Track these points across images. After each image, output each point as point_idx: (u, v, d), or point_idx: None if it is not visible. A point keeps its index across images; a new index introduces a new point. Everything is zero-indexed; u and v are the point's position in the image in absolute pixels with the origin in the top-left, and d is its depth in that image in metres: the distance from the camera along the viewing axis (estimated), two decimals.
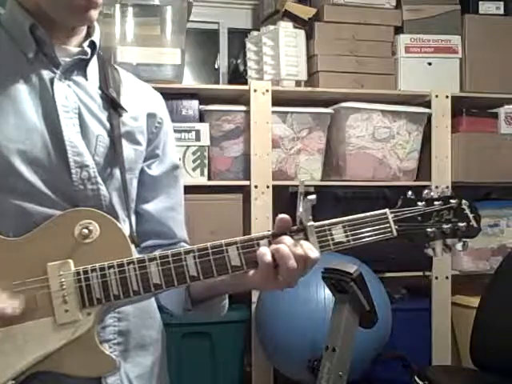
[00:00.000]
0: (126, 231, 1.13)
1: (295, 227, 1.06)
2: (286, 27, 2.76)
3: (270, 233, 1.06)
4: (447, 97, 2.82)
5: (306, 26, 2.81)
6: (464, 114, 2.89)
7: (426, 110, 2.83)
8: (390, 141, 2.81)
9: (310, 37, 2.81)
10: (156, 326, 1.26)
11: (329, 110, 2.78)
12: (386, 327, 2.37)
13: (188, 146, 2.62)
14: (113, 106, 1.17)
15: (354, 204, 2.67)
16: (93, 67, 1.19)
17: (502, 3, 2.99)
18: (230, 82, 3.09)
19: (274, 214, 2.62)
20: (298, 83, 2.78)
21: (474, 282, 2.85)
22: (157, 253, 1.07)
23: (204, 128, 2.64)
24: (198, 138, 2.63)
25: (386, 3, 2.87)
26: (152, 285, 1.04)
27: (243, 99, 2.71)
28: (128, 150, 1.17)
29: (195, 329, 2.54)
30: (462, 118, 2.89)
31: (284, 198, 2.87)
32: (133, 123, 1.20)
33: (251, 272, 1.06)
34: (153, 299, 1.25)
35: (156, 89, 2.86)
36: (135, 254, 1.10)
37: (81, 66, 1.16)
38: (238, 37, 3.23)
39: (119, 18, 2.54)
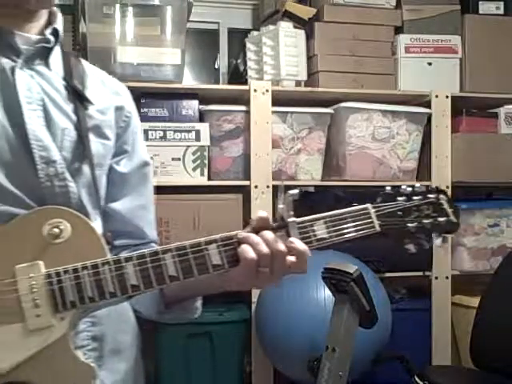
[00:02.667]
0: (99, 230, 1.07)
1: (276, 224, 1.01)
2: (286, 27, 2.75)
3: (250, 229, 1.01)
4: (447, 97, 2.82)
5: (306, 26, 2.82)
6: (464, 114, 2.89)
7: (426, 110, 2.83)
8: (390, 141, 2.81)
9: (310, 37, 2.81)
10: (131, 330, 1.19)
11: (329, 110, 2.78)
12: (386, 327, 2.37)
13: (188, 146, 2.62)
14: (78, 98, 1.09)
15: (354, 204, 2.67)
16: (56, 57, 1.11)
17: (502, 3, 2.99)
18: (230, 82, 3.09)
19: (274, 214, 2.63)
20: (298, 83, 2.78)
21: (474, 282, 2.85)
22: (133, 252, 1.00)
23: (204, 128, 2.64)
24: (198, 138, 2.63)
25: (385, 3, 2.87)
26: (129, 286, 0.98)
27: (243, 99, 2.71)
28: (96, 144, 1.10)
29: (195, 329, 2.54)
30: (462, 118, 2.89)
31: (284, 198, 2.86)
32: (100, 117, 1.13)
33: (232, 271, 1.00)
34: (127, 302, 1.17)
35: (156, 89, 2.87)
36: (109, 254, 1.03)
37: (43, 54, 1.09)
38: (238, 37, 3.23)
39: (119, 18, 2.54)
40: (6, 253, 0.98)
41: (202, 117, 2.70)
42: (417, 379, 2.28)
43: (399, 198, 1.07)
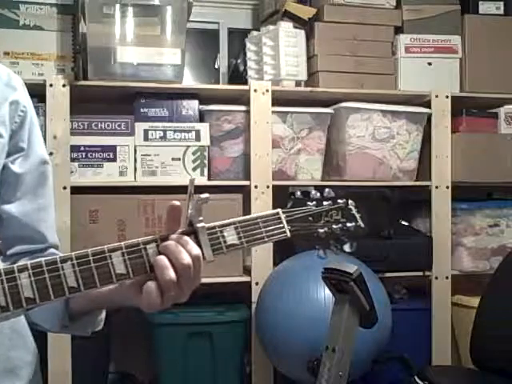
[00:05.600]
0: None
1: (184, 229, 0.96)
2: (285, 27, 2.76)
3: (157, 236, 0.94)
4: (447, 97, 2.82)
5: (306, 26, 2.82)
6: (464, 114, 2.89)
7: (426, 110, 2.83)
8: (390, 141, 2.81)
9: (310, 37, 2.81)
10: (27, 346, 1.08)
11: (329, 110, 2.78)
12: (386, 327, 2.37)
13: (188, 146, 2.62)
14: None
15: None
16: None
17: (501, 3, 2.99)
18: (230, 82, 3.09)
19: None
20: (298, 83, 2.79)
21: (474, 282, 2.85)
22: (27, 262, 0.89)
23: (204, 128, 2.64)
24: (198, 138, 2.63)
25: (385, 3, 2.88)
26: (24, 299, 0.86)
27: (243, 99, 2.71)
28: None
29: (195, 329, 2.54)
30: (462, 118, 2.89)
31: (284, 198, 2.87)
32: None
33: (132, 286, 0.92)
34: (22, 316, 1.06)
35: (156, 89, 2.87)
36: (1, 264, 0.93)
37: None
38: (238, 37, 3.23)
39: (119, 18, 2.54)
40: None
41: (202, 117, 2.70)
42: (417, 379, 2.28)
43: (309, 204, 1.05)
